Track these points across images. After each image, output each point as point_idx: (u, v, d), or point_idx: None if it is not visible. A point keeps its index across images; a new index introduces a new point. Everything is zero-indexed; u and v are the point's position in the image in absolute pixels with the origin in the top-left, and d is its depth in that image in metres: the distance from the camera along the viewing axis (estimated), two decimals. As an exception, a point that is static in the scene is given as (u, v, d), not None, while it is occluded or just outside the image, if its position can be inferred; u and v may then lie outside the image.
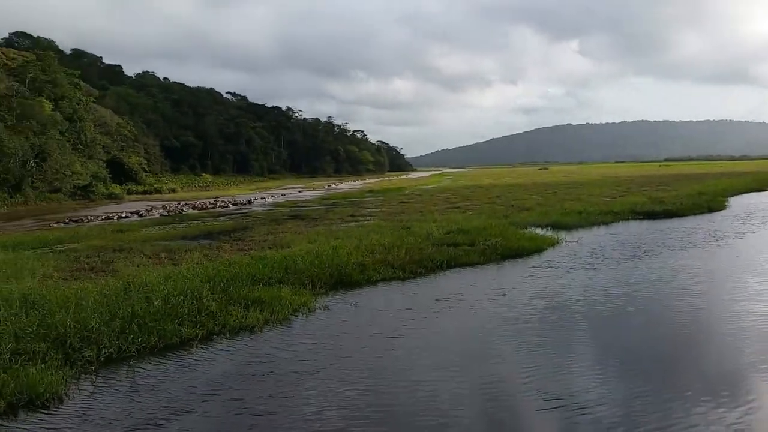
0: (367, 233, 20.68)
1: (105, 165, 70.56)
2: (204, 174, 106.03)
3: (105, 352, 8.84)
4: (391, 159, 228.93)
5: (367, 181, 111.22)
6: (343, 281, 13.61)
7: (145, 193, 69.79)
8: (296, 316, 10.96)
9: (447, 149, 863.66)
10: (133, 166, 76.60)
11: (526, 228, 22.75)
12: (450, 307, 11.37)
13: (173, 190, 74.05)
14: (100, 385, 8.00)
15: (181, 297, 10.81)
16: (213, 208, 41.71)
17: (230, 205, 44.70)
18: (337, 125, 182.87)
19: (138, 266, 15.89)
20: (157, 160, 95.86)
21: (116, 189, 65.02)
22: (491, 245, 17.16)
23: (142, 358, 8.91)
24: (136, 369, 8.49)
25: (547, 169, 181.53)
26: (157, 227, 27.89)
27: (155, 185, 74.32)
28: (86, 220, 32.11)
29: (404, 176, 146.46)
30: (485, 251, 16.59)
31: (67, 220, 32.51)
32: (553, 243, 18.84)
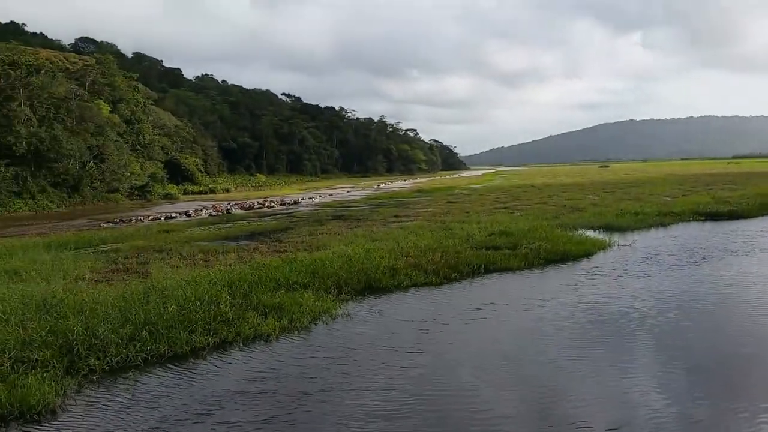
0: (406, 235, 19.99)
1: (163, 166, 72.08)
2: (258, 174, 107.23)
3: (110, 361, 8.46)
4: (444, 158, 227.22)
5: (418, 180, 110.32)
6: (372, 286, 12.96)
7: (200, 193, 70.87)
8: (316, 324, 10.35)
9: (503, 147, 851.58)
10: (189, 166, 77.97)
11: (576, 230, 21.59)
12: (481, 318, 10.53)
13: (227, 190, 75.00)
14: (97, 397, 7.57)
15: (198, 303, 10.36)
16: (260, 208, 41.73)
17: (278, 205, 44.67)
18: (390, 124, 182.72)
19: (172, 268, 15.65)
20: (215, 160, 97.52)
21: (172, 189, 66.22)
22: (534, 249, 16.17)
23: (148, 367, 8.47)
24: (137, 380, 8.04)
25: (607, 167, 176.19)
26: (202, 228, 27.88)
27: (210, 185, 75.43)
28: (134, 221, 32.46)
29: (456, 175, 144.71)
30: (527, 255, 15.61)
31: (117, 220, 32.95)
32: (604, 247, 17.67)
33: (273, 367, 8.24)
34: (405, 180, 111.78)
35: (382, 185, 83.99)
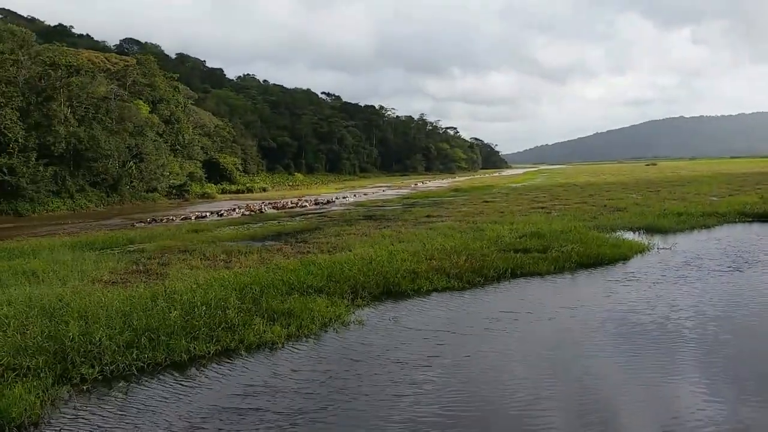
0: (434, 236, 19.33)
1: (201, 165, 72.68)
2: (296, 173, 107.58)
3: (105, 369, 8.07)
4: (485, 156, 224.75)
5: (457, 179, 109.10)
6: (390, 291, 12.35)
7: (237, 192, 71.23)
8: (326, 331, 9.80)
9: (546, 145, 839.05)
10: (227, 166, 78.51)
11: (614, 232, 20.58)
12: (501, 329, 9.79)
13: (264, 189, 75.22)
14: (84, 408, 7.16)
15: (205, 308, 9.91)
16: (293, 207, 41.51)
17: (311, 204, 44.41)
18: (430, 122, 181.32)
19: (191, 269, 15.36)
20: (254, 160, 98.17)
21: (210, 188, 66.69)
22: (565, 252, 15.32)
23: (143, 377, 8.05)
24: (128, 391, 7.60)
25: (655, 164, 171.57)
26: (231, 227, 27.67)
27: (248, 184, 75.77)
28: (165, 220, 32.50)
29: (496, 174, 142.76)
30: (557, 259, 14.78)
31: (149, 220, 33.07)
32: (641, 250, 16.68)
33: (270, 381, 7.69)
34: (443, 179, 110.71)
35: (419, 184, 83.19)
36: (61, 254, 18.23)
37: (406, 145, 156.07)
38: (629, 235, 19.68)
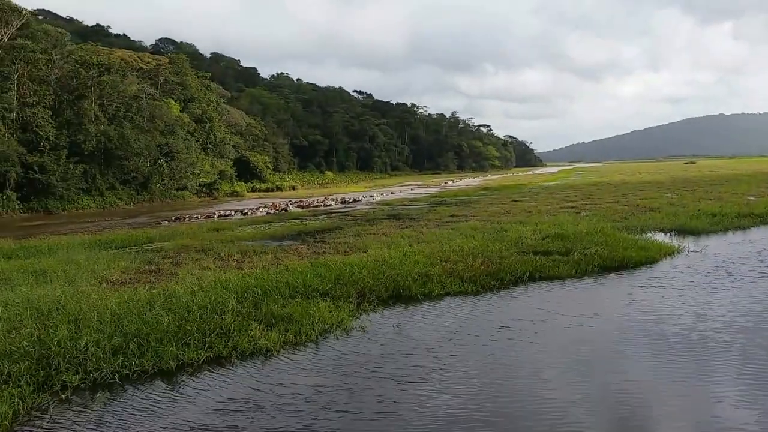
0: (455, 237, 18.70)
1: (232, 164, 72.95)
2: (327, 171, 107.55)
3: (88, 376, 7.71)
4: (519, 154, 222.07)
5: (489, 177, 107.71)
6: (400, 294, 11.80)
7: (267, 190, 71.34)
8: (325, 337, 9.30)
9: (583, 143, 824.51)
10: (258, 164, 78.69)
11: (644, 233, 19.69)
12: (509, 339, 9.17)
13: (294, 188, 75.20)
14: (58, 419, 6.78)
15: (200, 312, 9.50)
16: (318, 206, 41.20)
17: (337, 203, 44.08)
18: (462, 120, 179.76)
19: (202, 270, 15.05)
20: (286, 158, 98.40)
21: (239, 187, 66.85)
22: (588, 255, 14.56)
23: (126, 385, 7.66)
24: (107, 402, 7.22)
25: (693, 163, 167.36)
26: (252, 226, 27.41)
27: (277, 183, 75.82)
28: (188, 219, 32.45)
29: (530, 172, 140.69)
30: (580, 262, 14.05)
31: (174, 218, 33.08)
32: (670, 252, 15.81)
33: (254, 395, 7.20)
34: (474, 177, 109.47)
35: (450, 183, 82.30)
36: (76, 253, 18.09)
37: (438, 143, 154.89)
38: (660, 237, 18.79)
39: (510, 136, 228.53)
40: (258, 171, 78.03)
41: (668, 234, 19.74)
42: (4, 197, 42.29)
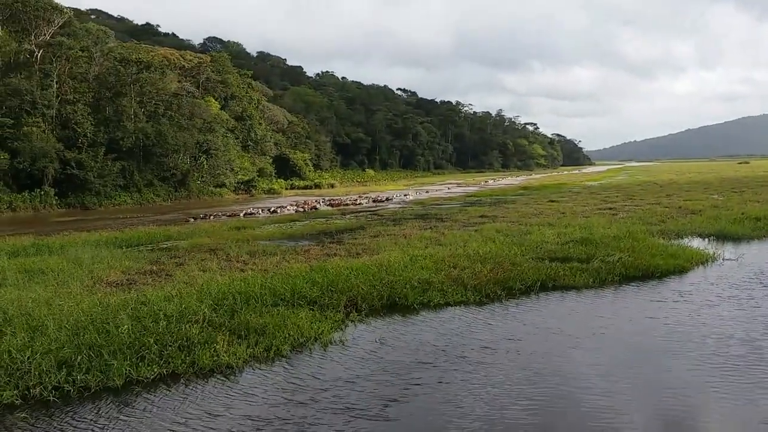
0: (474, 240, 17.73)
1: (271, 161, 73.08)
2: (368, 169, 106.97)
3: (26, 393, 7.09)
4: (567, 153, 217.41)
5: (533, 176, 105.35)
6: (395, 303, 10.92)
7: (305, 188, 71.23)
8: (298, 352, 8.51)
9: (635, 141, 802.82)
10: (297, 162, 78.72)
11: (681, 238, 18.34)
12: (499, 363, 8.15)
13: (332, 185, 74.89)
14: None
15: (166, 322, 8.81)
16: (349, 204, 40.55)
17: (369, 201, 43.38)
18: (508, 118, 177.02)
19: (203, 271, 14.50)
20: (328, 155, 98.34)
21: (276, 184, 66.85)
22: (611, 262, 13.38)
23: (65, 404, 7.00)
24: (32, 425, 6.55)
25: (747, 163, 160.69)
26: (275, 225, 26.87)
27: (316, 180, 75.68)
28: (213, 217, 32.16)
29: (576, 171, 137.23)
30: (599, 270, 12.90)
31: (202, 215, 32.91)
32: (703, 260, 14.47)
33: (193, 425, 6.43)
34: (518, 176, 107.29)
35: (491, 182, 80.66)
36: (86, 251, 17.76)
37: (483, 141, 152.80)
38: (696, 243, 17.40)
39: (558, 135, 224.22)
40: (297, 168, 78.06)
41: (706, 239, 18.30)
42: (42, 193, 43.02)
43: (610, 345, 8.73)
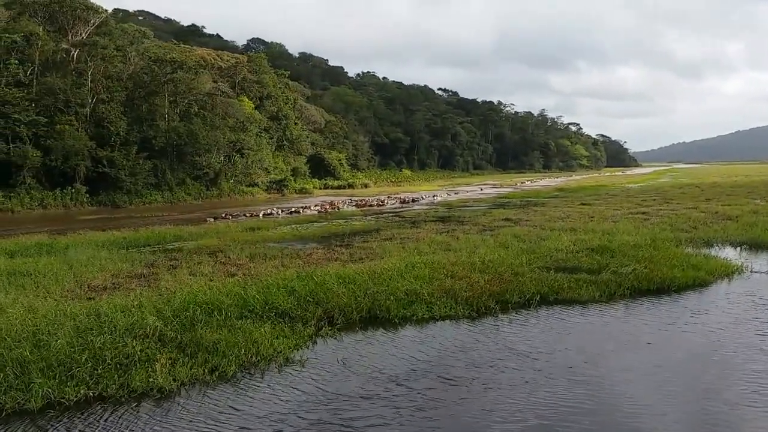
0: (485, 246, 16.77)
1: (306, 161, 72.82)
2: (405, 169, 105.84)
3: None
4: (612, 153, 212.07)
5: (573, 177, 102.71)
6: (376, 316, 10.08)
7: (339, 188, 70.74)
8: (249, 374, 7.75)
9: (683, 142, 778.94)
10: (332, 161, 78.29)
11: (710, 246, 17.01)
12: (470, 399, 7.21)
13: (366, 185, 74.19)
14: None
15: (110, 336, 8.12)
16: (374, 205, 39.77)
17: (398, 202, 42.53)
18: (550, 118, 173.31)
19: (192, 275, 13.98)
20: (365, 155, 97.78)
21: (308, 184, 66.47)
22: (623, 274, 12.26)
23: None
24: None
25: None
26: (291, 226, 26.29)
27: (349, 180, 75.11)
28: (231, 217, 31.75)
29: (619, 173, 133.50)
30: (609, 283, 11.80)
31: (223, 215, 32.59)
32: (729, 273, 13.22)
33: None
34: (557, 177, 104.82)
35: (527, 183, 78.82)
36: (85, 252, 17.42)
37: (524, 141, 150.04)
38: (725, 252, 16.07)
39: (603, 135, 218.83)
40: (332, 168, 77.63)
41: (738, 248, 16.92)
42: (74, 190, 43.44)
43: (595, 384, 7.63)
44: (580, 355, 8.33)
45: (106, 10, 53.68)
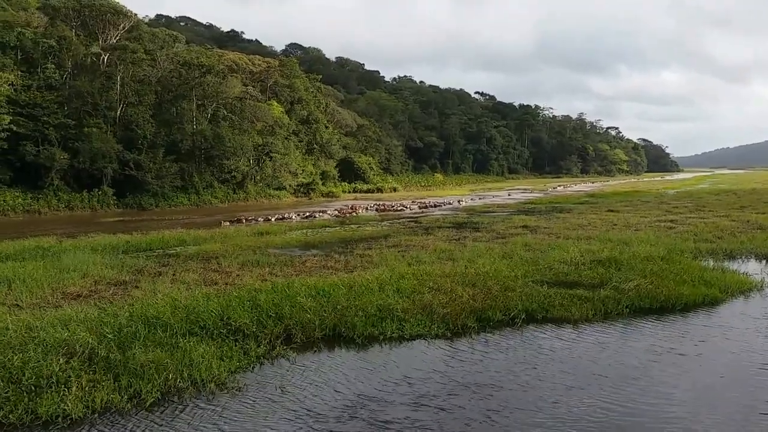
0: (487, 255, 15.88)
1: (336, 164, 72.50)
2: (436, 174, 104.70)
3: None
4: (653, 158, 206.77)
5: (609, 182, 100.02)
6: (340, 335, 9.31)
7: (368, 191, 70.19)
8: (170, 402, 7.01)
9: (728, 148, 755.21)
10: (362, 165, 77.83)
11: (732, 259, 15.79)
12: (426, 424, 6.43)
13: (395, 189, 73.50)
14: None
15: (33, 354, 7.47)
16: (393, 210, 38.97)
17: (420, 207, 41.70)
18: (589, 122, 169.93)
19: (174, 282, 13.51)
20: (398, 159, 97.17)
21: (335, 188, 66.01)
22: (624, 290, 11.24)
23: None
24: None
25: None
26: (301, 231, 25.66)
27: (378, 184, 74.50)
28: (245, 221, 31.33)
29: (659, 178, 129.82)
30: (606, 300, 10.79)
31: (236, 219, 32.25)
32: (744, 290, 12.04)
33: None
34: (593, 182, 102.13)
35: (559, 187, 76.84)
36: (77, 257, 17.04)
37: (561, 145, 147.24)
38: (749, 266, 14.82)
39: (644, 140, 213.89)
40: (362, 172, 77.17)
41: (764, 261, 15.63)
42: (101, 192, 43.74)
43: (577, 415, 6.76)
44: (546, 391, 7.39)
45: (135, 15, 54.07)
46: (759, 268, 14.71)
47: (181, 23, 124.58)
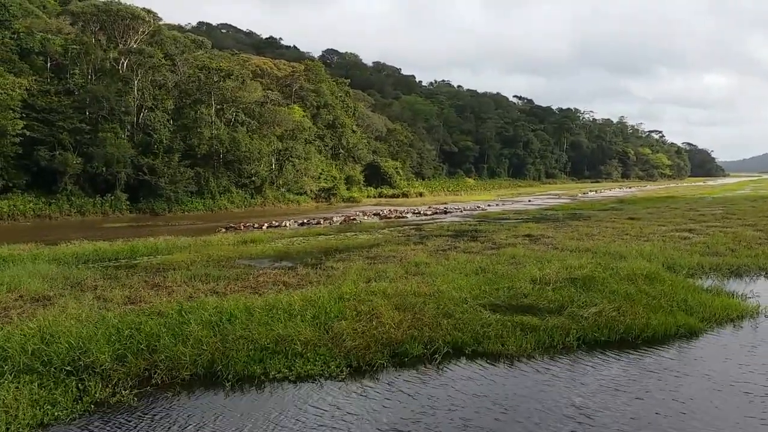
0: (457, 271, 14.31)
1: (362, 169, 71.27)
2: (468, 178, 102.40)
3: None
4: (698, 162, 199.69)
5: (647, 187, 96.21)
6: (214, 374, 7.88)
7: (393, 196, 68.72)
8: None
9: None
10: (388, 170, 76.36)
11: (740, 276, 13.85)
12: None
13: (421, 194, 71.75)
14: None
15: None
16: (405, 216, 37.45)
17: (431, 213, 40.11)
18: (630, 125, 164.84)
19: (97, 299, 12.35)
20: (431, 164, 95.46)
21: (356, 193, 64.63)
22: (581, 318, 9.52)
23: None
24: None
25: None
26: (288, 239, 24.44)
27: (404, 189, 72.87)
28: (243, 227, 30.19)
29: (701, 183, 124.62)
30: (554, 330, 9.10)
31: (232, 225, 31.27)
32: (732, 319, 10.15)
33: None
34: (630, 187, 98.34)
35: (591, 193, 73.82)
36: (26, 268, 16.09)
37: (601, 149, 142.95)
38: (756, 285, 12.87)
39: (689, 144, 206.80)
40: (388, 177, 75.70)
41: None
42: (113, 197, 43.32)
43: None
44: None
45: (152, 19, 53.65)
46: (765, 287, 12.71)
47: (222, 30, 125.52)
